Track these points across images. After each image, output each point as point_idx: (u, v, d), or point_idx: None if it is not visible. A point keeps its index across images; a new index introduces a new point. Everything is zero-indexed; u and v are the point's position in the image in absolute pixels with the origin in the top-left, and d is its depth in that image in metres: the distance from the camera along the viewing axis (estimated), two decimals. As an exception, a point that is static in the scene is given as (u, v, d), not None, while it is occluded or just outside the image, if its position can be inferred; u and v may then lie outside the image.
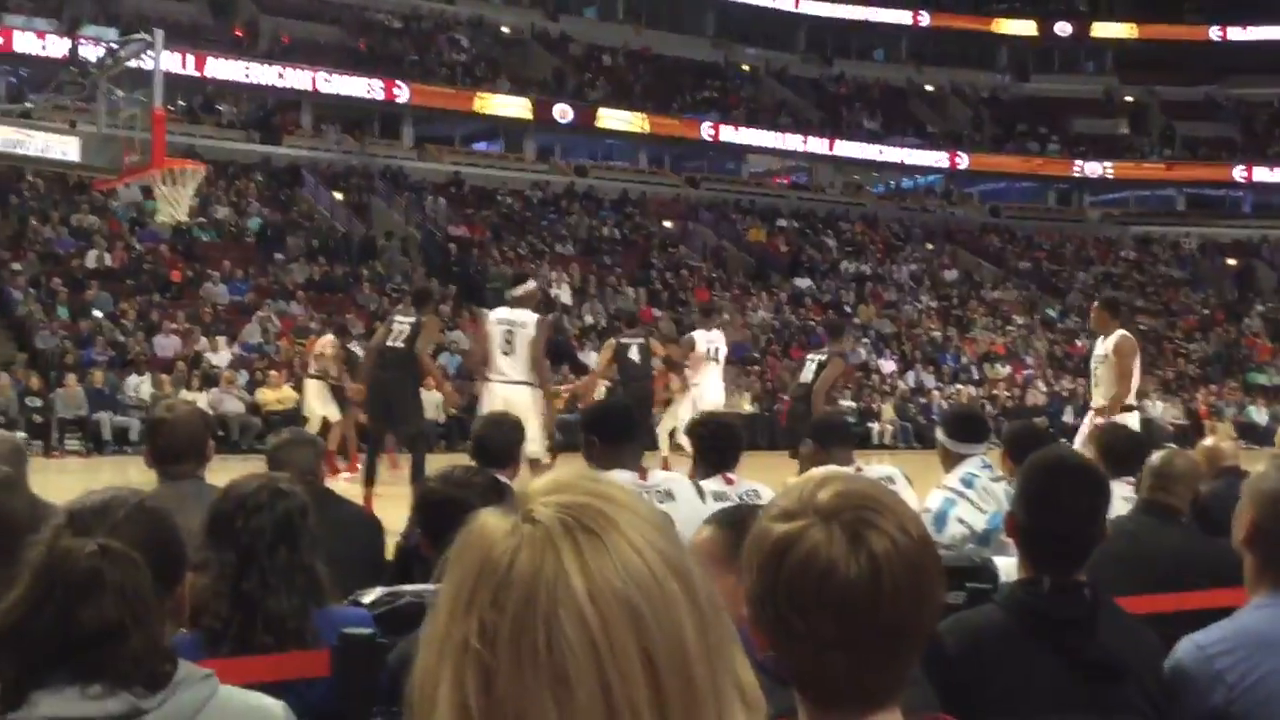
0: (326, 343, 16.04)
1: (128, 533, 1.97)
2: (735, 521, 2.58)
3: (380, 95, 36.43)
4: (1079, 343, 36.16)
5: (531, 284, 10.83)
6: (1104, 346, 9.58)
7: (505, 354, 9.65)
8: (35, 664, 1.81)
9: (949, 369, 31.43)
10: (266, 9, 39.05)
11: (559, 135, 40.91)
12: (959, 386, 30.41)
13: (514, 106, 38.78)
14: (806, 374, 11.36)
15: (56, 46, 28.14)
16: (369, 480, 11.00)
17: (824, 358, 11.13)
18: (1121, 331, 9.58)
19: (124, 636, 1.82)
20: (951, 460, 5.32)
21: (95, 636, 1.81)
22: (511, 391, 9.59)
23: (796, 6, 48.30)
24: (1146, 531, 4.02)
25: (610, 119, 40.27)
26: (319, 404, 15.57)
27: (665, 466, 11.20)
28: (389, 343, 10.99)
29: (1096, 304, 10.28)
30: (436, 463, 5.28)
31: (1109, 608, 2.62)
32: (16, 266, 23.53)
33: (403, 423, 11.25)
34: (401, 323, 11.06)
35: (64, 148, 15.08)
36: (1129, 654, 2.53)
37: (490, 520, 0.99)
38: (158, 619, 1.91)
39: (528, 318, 9.80)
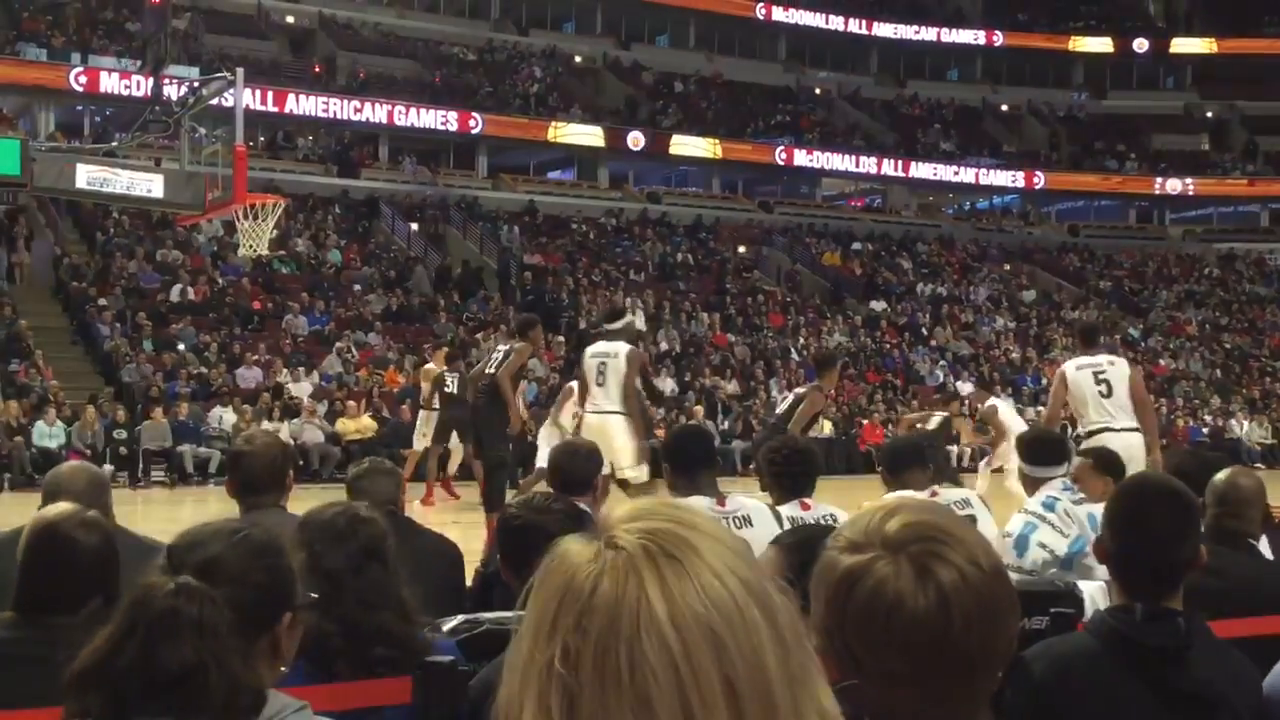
0: (424, 371, 16.14)
1: (223, 569, 1.96)
2: (800, 543, 2.59)
3: (455, 127, 36.87)
4: (1162, 362, 35.57)
5: (627, 318, 11.18)
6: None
7: (599, 385, 9.91)
8: (121, 701, 1.80)
9: (1029, 391, 31.01)
10: (344, 45, 39.71)
11: (632, 162, 41.11)
12: (1039, 409, 29.96)
13: (587, 135, 39.07)
14: (782, 406, 11.35)
15: (140, 86, 28.79)
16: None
17: (803, 390, 11.05)
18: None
19: (204, 675, 1.80)
20: (1031, 484, 5.23)
21: (176, 675, 1.80)
22: (603, 420, 9.82)
23: (869, 29, 48.16)
24: (1216, 560, 3.80)
25: (683, 145, 40.41)
26: (421, 431, 15.65)
27: None
28: (486, 370, 11.35)
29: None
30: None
31: (1205, 636, 2.54)
32: (103, 302, 24.03)
33: (487, 448, 11.41)
34: (497, 351, 11.54)
35: (149, 185, 15.38)
36: (1225, 684, 2.45)
37: (574, 546, 1.01)
38: (242, 656, 1.87)
39: (620, 349, 10.02)
